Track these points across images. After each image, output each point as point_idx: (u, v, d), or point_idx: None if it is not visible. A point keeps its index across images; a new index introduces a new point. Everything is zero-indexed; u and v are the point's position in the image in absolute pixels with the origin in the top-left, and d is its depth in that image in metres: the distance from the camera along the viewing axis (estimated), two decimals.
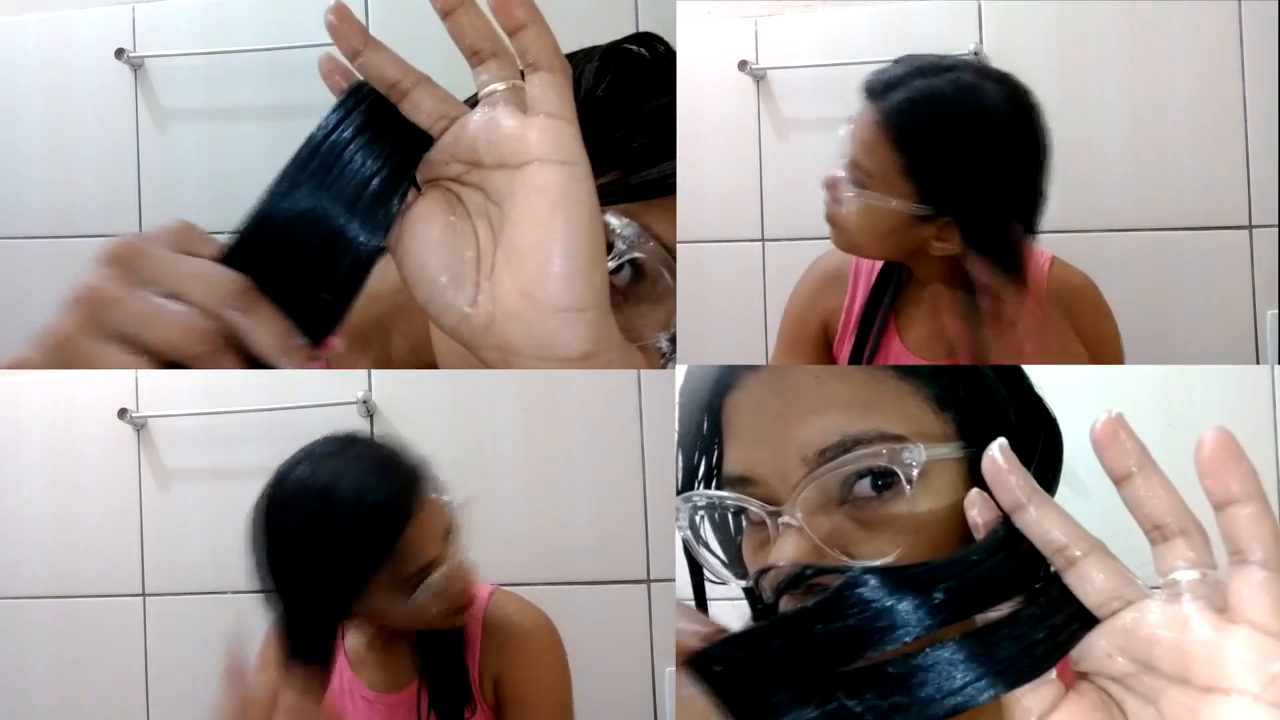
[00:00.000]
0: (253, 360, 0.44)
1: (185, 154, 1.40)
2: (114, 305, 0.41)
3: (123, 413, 1.32)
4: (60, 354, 0.42)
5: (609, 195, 0.55)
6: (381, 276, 0.66)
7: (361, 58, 0.46)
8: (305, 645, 0.81)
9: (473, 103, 0.47)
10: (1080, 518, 0.41)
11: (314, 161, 0.46)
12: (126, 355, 0.41)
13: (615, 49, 0.62)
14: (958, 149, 0.82)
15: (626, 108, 0.58)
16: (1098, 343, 0.96)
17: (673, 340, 0.58)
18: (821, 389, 0.50)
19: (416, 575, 0.80)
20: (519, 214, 0.45)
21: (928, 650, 0.38)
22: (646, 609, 1.25)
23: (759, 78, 1.43)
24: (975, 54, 1.31)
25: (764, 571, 0.48)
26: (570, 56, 0.61)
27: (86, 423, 1.35)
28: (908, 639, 0.38)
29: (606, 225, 0.55)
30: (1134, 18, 1.28)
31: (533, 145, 0.44)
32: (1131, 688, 0.38)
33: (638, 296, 0.58)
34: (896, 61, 0.86)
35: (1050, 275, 0.96)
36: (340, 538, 0.78)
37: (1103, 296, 0.97)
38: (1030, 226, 0.88)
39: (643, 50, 0.62)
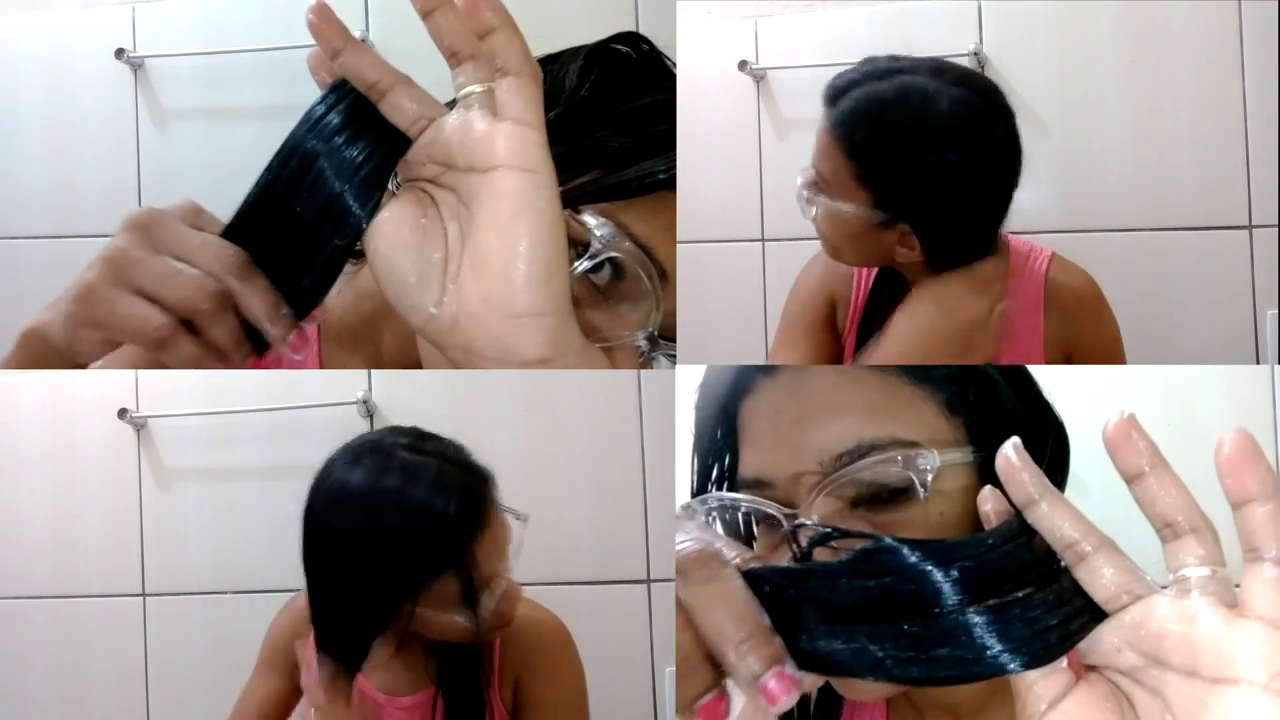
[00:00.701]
0: (246, 326, 0.49)
1: (185, 154, 1.40)
2: (137, 264, 0.47)
3: (123, 413, 1.32)
4: (85, 304, 0.47)
5: (588, 194, 0.56)
6: (372, 275, 0.66)
7: (341, 57, 0.47)
8: (343, 647, 0.79)
9: (455, 104, 0.48)
10: None
11: (310, 136, 0.48)
12: (143, 306, 0.47)
13: (600, 48, 0.62)
14: (903, 155, 0.80)
15: (608, 107, 0.59)
16: (1097, 352, 0.94)
17: (651, 340, 0.59)
18: (837, 394, 0.52)
19: (473, 591, 0.79)
20: (483, 218, 0.45)
21: (948, 617, 0.39)
22: (646, 609, 1.25)
23: (759, 78, 1.43)
24: (975, 54, 1.31)
25: (800, 527, 0.50)
26: (557, 55, 0.62)
27: (86, 423, 1.34)
28: (934, 609, 0.40)
29: (583, 224, 0.55)
30: (1134, 18, 1.28)
31: (499, 150, 0.45)
32: (1140, 680, 0.39)
33: (618, 295, 0.58)
34: (859, 64, 0.85)
35: (1049, 275, 0.94)
36: (408, 543, 0.76)
37: (1104, 299, 0.95)
38: (993, 232, 0.87)
39: (628, 50, 0.63)
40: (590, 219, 0.56)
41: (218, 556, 1.31)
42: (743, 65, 1.43)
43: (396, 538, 0.77)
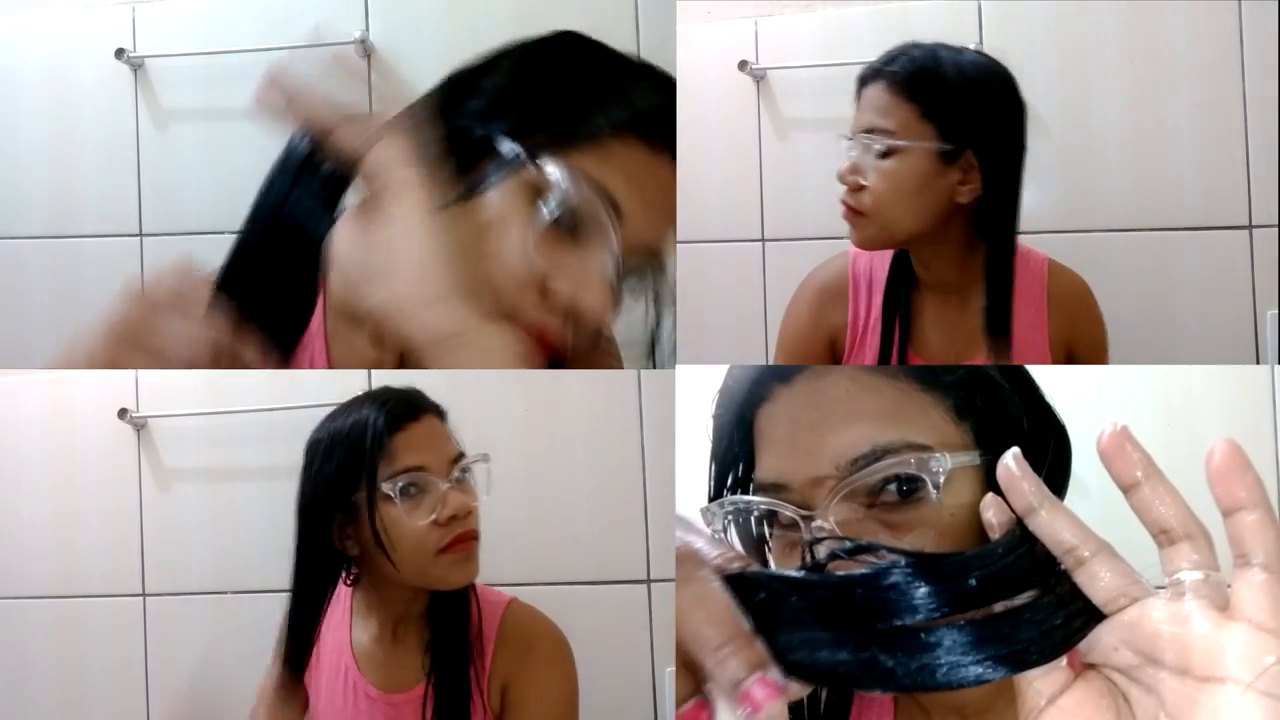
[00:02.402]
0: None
1: (185, 154, 1.40)
2: (151, 333, 0.57)
3: (123, 413, 1.32)
4: (117, 351, 0.57)
5: (545, 145, 0.62)
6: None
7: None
8: (307, 573, 0.94)
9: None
10: (1082, 516, 0.43)
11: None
12: (154, 362, 0.56)
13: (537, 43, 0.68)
14: (964, 85, 0.90)
15: (547, 81, 0.65)
16: (1092, 349, 0.99)
17: (618, 271, 0.63)
18: (852, 401, 0.54)
19: (402, 475, 0.87)
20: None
21: (958, 625, 0.41)
22: (646, 609, 1.25)
23: (759, 78, 1.43)
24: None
25: (818, 541, 0.51)
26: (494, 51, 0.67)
27: (86, 423, 1.35)
28: (933, 617, 0.41)
29: (546, 178, 0.61)
30: (1134, 18, 1.28)
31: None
32: (1135, 678, 0.40)
33: (583, 238, 0.63)
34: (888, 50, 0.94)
35: (1050, 278, 0.98)
36: (339, 435, 0.91)
37: (1096, 300, 1.00)
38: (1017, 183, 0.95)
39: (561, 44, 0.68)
40: (551, 169, 0.60)
41: (218, 556, 1.31)
42: (743, 65, 1.43)
43: (329, 440, 0.92)
